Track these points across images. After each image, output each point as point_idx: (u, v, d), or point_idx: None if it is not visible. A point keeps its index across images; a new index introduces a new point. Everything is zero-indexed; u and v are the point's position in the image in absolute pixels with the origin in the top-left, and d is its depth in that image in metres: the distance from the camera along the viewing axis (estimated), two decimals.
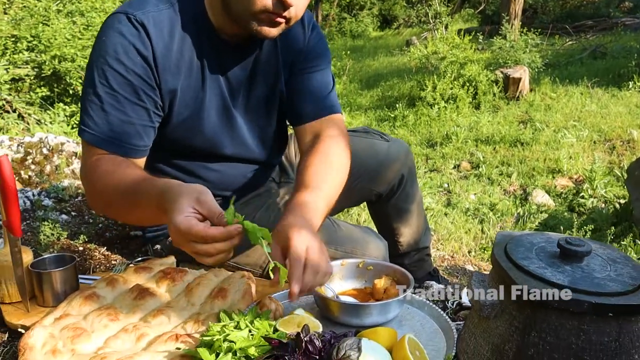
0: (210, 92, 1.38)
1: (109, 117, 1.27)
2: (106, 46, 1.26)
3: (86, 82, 1.29)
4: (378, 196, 1.78)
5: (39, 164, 2.62)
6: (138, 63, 1.27)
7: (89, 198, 1.36)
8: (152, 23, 1.27)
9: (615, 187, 4.33)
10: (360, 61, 11.62)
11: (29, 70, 4.54)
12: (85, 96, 1.28)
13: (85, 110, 1.28)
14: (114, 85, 1.26)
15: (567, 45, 10.57)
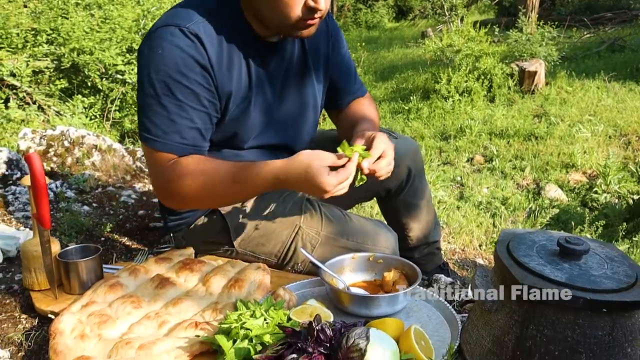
0: (255, 89, 1.47)
1: (177, 126, 1.36)
2: (165, 59, 1.33)
3: (146, 93, 1.35)
4: (387, 191, 1.83)
5: (61, 156, 2.70)
6: (198, 73, 1.35)
7: (170, 197, 1.42)
8: (204, 33, 1.36)
9: (630, 182, 4.32)
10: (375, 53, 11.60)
11: (48, 62, 4.63)
12: (149, 107, 1.36)
13: (151, 120, 1.35)
14: (179, 96, 1.34)
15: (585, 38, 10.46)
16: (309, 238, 1.54)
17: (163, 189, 1.41)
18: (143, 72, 1.36)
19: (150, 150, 1.37)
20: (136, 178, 2.73)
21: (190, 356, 1.12)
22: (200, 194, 1.36)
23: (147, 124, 1.36)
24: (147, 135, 1.36)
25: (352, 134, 1.50)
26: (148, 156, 1.41)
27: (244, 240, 1.58)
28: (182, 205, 1.51)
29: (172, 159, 1.36)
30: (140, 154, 2.97)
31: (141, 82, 1.37)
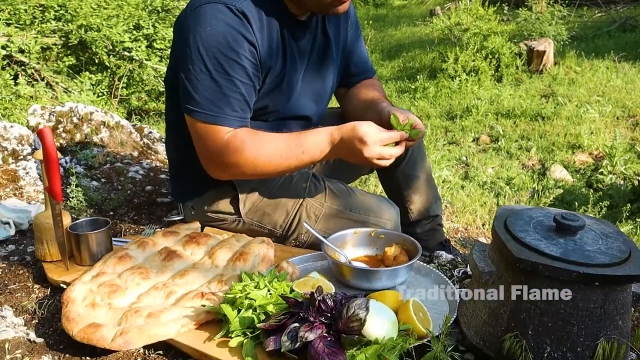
0: (289, 65, 1.54)
1: (230, 99, 1.41)
2: (216, 36, 1.38)
3: (195, 68, 1.39)
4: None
5: (70, 133, 2.74)
6: (246, 48, 1.41)
7: (227, 169, 1.47)
8: (248, 11, 1.41)
9: (636, 164, 4.31)
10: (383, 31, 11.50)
11: (56, 39, 4.65)
12: (200, 82, 1.40)
13: (203, 95, 1.40)
14: (229, 71, 1.40)
15: (596, 17, 10.32)
16: (313, 209, 1.60)
17: (219, 162, 1.45)
18: (190, 47, 1.40)
19: (202, 124, 1.42)
20: (143, 154, 2.77)
21: (197, 324, 1.17)
22: (258, 164, 1.42)
23: (198, 98, 1.40)
24: (198, 110, 1.41)
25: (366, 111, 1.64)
26: (199, 130, 1.44)
27: (251, 209, 1.63)
28: (235, 176, 1.54)
29: (228, 132, 1.41)
30: (148, 131, 3.00)
31: (188, 57, 1.40)
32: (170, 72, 1.59)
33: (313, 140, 1.43)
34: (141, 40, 4.88)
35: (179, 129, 1.65)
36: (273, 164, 1.43)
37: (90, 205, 2.07)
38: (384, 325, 1.04)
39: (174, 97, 1.60)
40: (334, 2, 1.42)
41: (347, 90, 1.84)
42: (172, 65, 1.57)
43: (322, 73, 1.67)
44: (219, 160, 1.45)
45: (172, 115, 1.68)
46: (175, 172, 1.77)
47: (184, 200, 1.74)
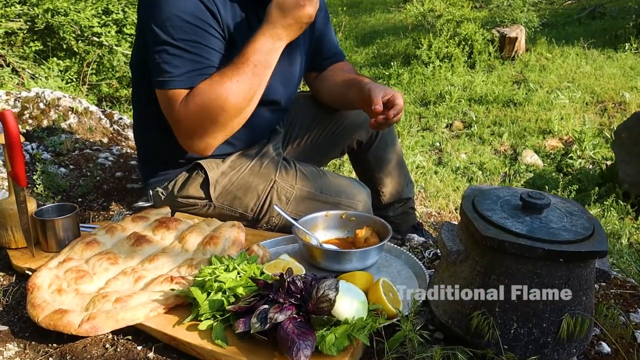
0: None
1: (199, 64, 1.38)
2: (178, 5, 1.35)
3: (160, 40, 1.37)
4: (359, 144, 1.90)
5: (36, 119, 2.67)
6: (210, 17, 1.39)
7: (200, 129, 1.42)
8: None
9: (604, 148, 4.41)
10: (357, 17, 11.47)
11: (21, 23, 4.51)
12: (166, 52, 1.37)
13: (170, 63, 1.37)
14: (196, 38, 1.37)
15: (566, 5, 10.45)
16: (284, 191, 1.59)
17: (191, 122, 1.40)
18: (153, 20, 1.37)
19: (172, 92, 1.38)
20: (113, 141, 2.72)
21: (166, 308, 1.16)
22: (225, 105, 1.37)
23: (168, 69, 1.37)
24: (169, 79, 1.38)
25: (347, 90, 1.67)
26: (169, 99, 1.40)
27: (222, 193, 1.62)
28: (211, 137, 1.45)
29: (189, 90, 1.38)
30: (118, 117, 2.94)
31: (152, 31, 1.37)
32: (135, 54, 1.56)
33: (252, 48, 1.39)
34: (111, 25, 4.77)
35: (147, 113, 1.62)
36: (234, 94, 1.37)
37: (58, 192, 2.03)
38: (353, 305, 1.05)
39: (140, 80, 1.57)
40: None
41: (319, 73, 1.83)
42: (138, 46, 1.54)
43: (290, 56, 1.65)
44: (190, 120, 1.40)
45: (139, 99, 1.65)
46: (144, 157, 1.74)
47: (154, 185, 1.71)
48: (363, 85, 1.59)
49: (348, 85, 1.69)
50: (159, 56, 1.38)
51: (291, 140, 1.90)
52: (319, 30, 1.76)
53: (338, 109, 1.85)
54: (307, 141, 1.90)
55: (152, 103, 1.49)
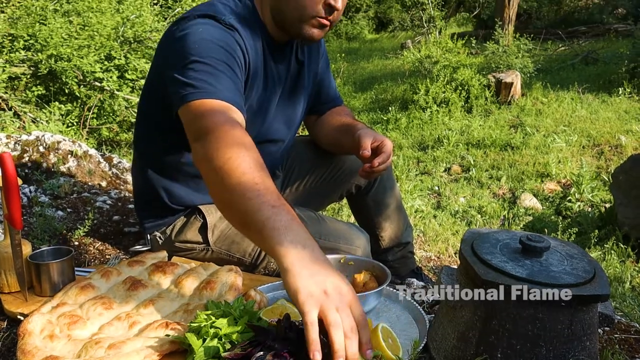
0: (270, 87, 1.54)
1: (227, 83, 1.28)
2: (209, 35, 1.32)
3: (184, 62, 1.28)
4: (358, 188, 1.89)
5: (36, 162, 2.68)
6: (238, 51, 1.36)
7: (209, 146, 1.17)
8: (238, 27, 1.39)
9: (602, 191, 4.43)
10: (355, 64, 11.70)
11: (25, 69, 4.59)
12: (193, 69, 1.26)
13: (197, 79, 1.25)
14: (225, 60, 1.31)
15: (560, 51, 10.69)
16: None
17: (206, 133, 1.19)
18: (179, 49, 1.32)
19: (193, 103, 1.24)
20: (112, 184, 2.72)
21: (160, 355, 1.13)
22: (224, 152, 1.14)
23: (193, 82, 1.25)
24: (191, 92, 1.25)
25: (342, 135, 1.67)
26: (189, 110, 1.25)
27: (220, 238, 1.61)
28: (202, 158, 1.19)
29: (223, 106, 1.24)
30: (117, 161, 2.95)
31: (173, 58, 1.33)
32: (145, 92, 1.58)
33: (274, 192, 1.08)
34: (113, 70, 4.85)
35: (147, 153, 1.63)
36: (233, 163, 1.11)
37: (54, 236, 2.01)
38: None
39: (145, 122, 1.58)
40: (312, 22, 1.41)
41: (318, 117, 1.86)
42: (148, 83, 1.55)
43: (294, 99, 1.68)
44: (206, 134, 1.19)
45: (142, 142, 1.66)
46: (142, 200, 1.74)
47: (151, 230, 1.70)
48: (354, 131, 1.61)
49: (342, 131, 1.71)
50: (182, 76, 1.28)
51: (290, 184, 1.90)
52: (320, 75, 1.79)
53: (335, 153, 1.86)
54: (306, 185, 1.90)
55: (154, 143, 1.49)
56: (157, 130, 1.55)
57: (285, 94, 1.64)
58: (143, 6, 5.61)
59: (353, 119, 1.80)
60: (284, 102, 1.64)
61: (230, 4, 1.47)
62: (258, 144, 1.60)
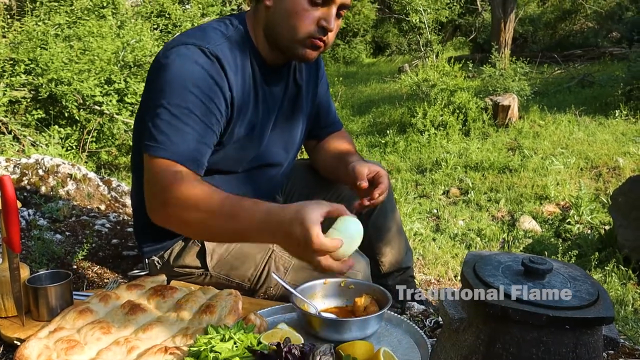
0: (262, 111, 1.53)
1: (187, 137, 1.35)
2: (185, 73, 1.36)
3: (157, 104, 1.35)
4: (358, 213, 1.86)
5: (35, 185, 2.68)
6: (214, 91, 1.38)
7: (160, 207, 1.35)
8: (222, 55, 1.40)
9: (601, 213, 4.42)
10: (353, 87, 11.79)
11: (25, 92, 4.62)
12: (159, 117, 1.34)
13: (160, 130, 1.34)
14: (191, 108, 1.35)
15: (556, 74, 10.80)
16: (282, 261, 1.56)
17: (157, 196, 1.34)
18: (158, 85, 1.37)
19: (153, 158, 1.34)
20: (111, 207, 2.71)
21: None
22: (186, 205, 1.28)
23: (156, 135, 1.34)
24: (154, 145, 1.34)
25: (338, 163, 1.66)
26: (149, 165, 1.36)
27: (218, 263, 1.59)
28: (166, 219, 1.38)
29: (179, 170, 1.32)
30: (116, 184, 2.95)
31: (153, 95, 1.37)
32: (138, 118, 1.58)
33: (250, 208, 1.23)
34: (112, 94, 4.88)
35: None
36: (200, 215, 1.27)
37: (53, 259, 2.00)
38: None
39: (139, 143, 1.59)
40: (305, 43, 1.41)
41: (318, 142, 1.86)
42: (140, 109, 1.56)
43: (293, 121, 1.68)
44: (157, 196, 1.34)
45: (139, 166, 1.66)
46: (140, 225, 1.73)
47: (149, 254, 1.69)
48: (348, 163, 1.60)
49: (338, 159, 1.71)
50: (150, 119, 1.36)
51: None
52: (319, 98, 1.79)
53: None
54: None
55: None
56: None
57: (282, 117, 1.63)
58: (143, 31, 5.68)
59: (351, 146, 1.80)
60: (281, 125, 1.64)
61: (221, 28, 1.47)
62: (256, 168, 1.61)
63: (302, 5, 1.37)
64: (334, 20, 1.40)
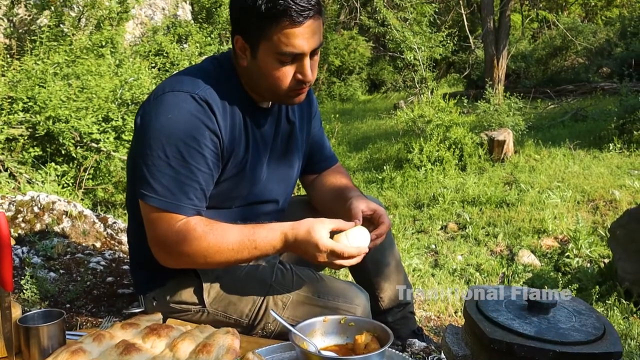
0: (252, 150, 1.54)
1: (186, 187, 1.39)
2: (178, 124, 1.38)
3: (154, 155, 1.38)
4: None
5: (30, 222, 2.65)
6: (208, 137, 1.41)
7: (177, 258, 1.43)
8: (211, 99, 1.43)
9: (600, 246, 4.40)
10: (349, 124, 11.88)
11: (23, 130, 4.62)
12: (157, 169, 1.38)
13: (159, 181, 1.38)
14: (187, 158, 1.38)
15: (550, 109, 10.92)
16: (281, 297, 1.54)
17: (168, 250, 1.41)
18: (151, 134, 1.39)
19: (155, 211, 1.38)
20: (106, 245, 2.68)
21: None
22: (208, 254, 1.38)
23: (153, 184, 1.38)
24: (153, 196, 1.37)
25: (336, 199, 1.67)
26: (152, 216, 1.40)
27: (216, 299, 1.57)
28: (185, 265, 1.49)
29: (181, 219, 1.38)
30: (112, 221, 2.92)
31: (147, 144, 1.39)
32: (130, 158, 1.58)
33: (266, 236, 1.39)
34: (110, 132, 4.88)
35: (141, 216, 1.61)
36: (224, 256, 1.39)
37: (46, 298, 1.97)
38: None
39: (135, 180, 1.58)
40: (289, 94, 1.45)
41: (315, 177, 1.85)
42: (131, 150, 1.56)
43: (288, 158, 1.69)
44: (168, 249, 1.41)
45: (134, 204, 1.64)
46: (136, 261, 1.71)
47: (145, 291, 1.66)
48: (347, 199, 1.60)
49: (335, 194, 1.71)
50: (146, 168, 1.39)
51: None
52: (314, 133, 1.80)
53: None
54: None
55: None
56: None
57: (276, 155, 1.64)
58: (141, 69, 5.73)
59: (348, 180, 1.80)
60: (276, 162, 1.64)
61: (211, 69, 1.50)
62: (253, 205, 1.61)
63: (274, 65, 1.40)
64: (309, 68, 1.42)
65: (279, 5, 1.32)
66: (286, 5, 1.32)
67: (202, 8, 8.79)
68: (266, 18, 1.34)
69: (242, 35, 1.42)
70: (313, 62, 1.43)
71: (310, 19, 1.35)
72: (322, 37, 1.45)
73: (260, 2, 1.33)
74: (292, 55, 1.38)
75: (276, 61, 1.39)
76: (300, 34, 1.35)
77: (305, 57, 1.39)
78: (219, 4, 8.65)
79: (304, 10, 1.33)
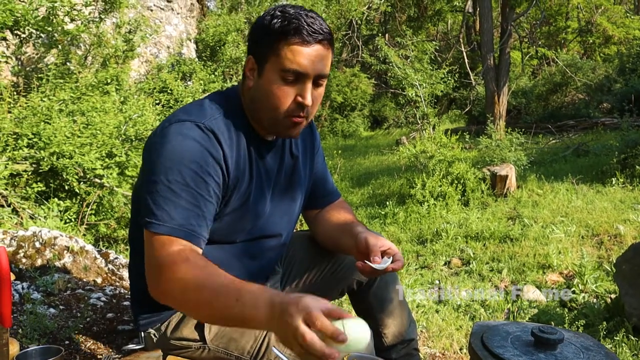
0: (256, 182, 1.55)
1: (187, 212, 1.37)
2: (182, 151, 1.38)
3: (156, 180, 1.37)
4: (359, 284, 1.84)
5: (31, 258, 2.64)
6: (211, 165, 1.41)
7: (161, 284, 1.33)
8: (217, 129, 1.44)
9: (606, 281, 4.34)
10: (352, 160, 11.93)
11: (27, 166, 4.65)
12: (159, 194, 1.36)
13: (159, 205, 1.36)
14: (190, 184, 1.37)
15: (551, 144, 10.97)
16: None
17: (158, 274, 1.34)
18: (155, 162, 1.39)
19: (153, 235, 1.36)
20: (107, 280, 2.66)
21: None
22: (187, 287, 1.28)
23: (153, 208, 1.36)
24: (155, 222, 1.35)
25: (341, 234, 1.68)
26: (149, 242, 1.37)
27: (217, 335, 1.55)
28: (166, 296, 1.37)
29: (180, 245, 1.34)
30: (114, 257, 2.91)
31: (150, 170, 1.40)
32: (135, 193, 1.58)
33: (253, 293, 1.22)
34: (113, 167, 4.91)
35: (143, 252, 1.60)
36: (203, 295, 1.26)
37: (45, 334, 1.94)
38: None
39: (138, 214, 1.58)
40: (286, 120, 1.45)
41: (319, 212, 1.85)
42: (137, 185, 1.56)
43: (291, 192, 1.69)
44: (158, 273, 1.34)
45: (137, 239, 1.64)
46: (137, 296, 1.69)
47: (146, 327, 1.64)
48: (356, 233, 1.60)
49: (340, 230, 1.71)
50: (149, 195, 1.38)
51: (289, 281, 1.87)
52: (316, 169, 1.81)
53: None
54: (306, 281, 1.86)
55: None
56: None
57: (279, 189, 1.64)
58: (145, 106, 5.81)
59: (352, 215, 1.80)
60: (279, 196, 1.64)
61: (217, 101, 1.52)
62: (256, 239, 1.60)
63: (277, 83, 1.41)
64: (310, 94, 1.43)
65: (293, 24, 1.37)
66: (299, 24, 1.37)
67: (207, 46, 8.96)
68: (278, 34, 1.38)
69: (253, 54, 1.46)
70: (316, 93, 1.45)
71: (319, 43, 1.40)
72: (328, 70, 1.47)
73: (276, 21, 1.39)
74: (296, 74, 1.40)
75: (280, 78, 1.41)
76: (307, 54, 1.38)
77: (308, 80, 1.41)
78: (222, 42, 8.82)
79: (315, 32, 1.38)
